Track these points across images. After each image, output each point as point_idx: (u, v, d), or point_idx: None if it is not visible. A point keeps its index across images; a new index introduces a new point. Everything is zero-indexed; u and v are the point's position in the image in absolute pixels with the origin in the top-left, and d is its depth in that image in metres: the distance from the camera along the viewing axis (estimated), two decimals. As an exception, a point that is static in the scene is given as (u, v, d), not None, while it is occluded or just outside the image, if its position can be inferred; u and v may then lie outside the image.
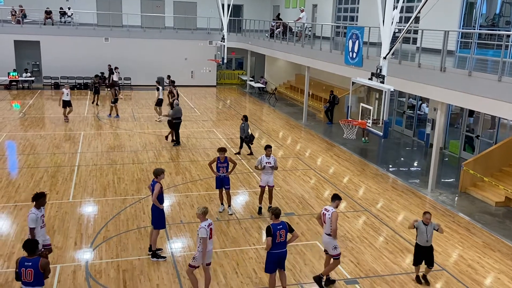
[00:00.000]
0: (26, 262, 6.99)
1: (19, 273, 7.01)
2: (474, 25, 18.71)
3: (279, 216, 8.49)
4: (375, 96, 12.45)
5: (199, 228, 8.31)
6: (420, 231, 9.24)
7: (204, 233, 8.23)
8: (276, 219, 8.44)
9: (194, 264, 8.47)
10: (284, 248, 8.50)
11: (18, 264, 7.00)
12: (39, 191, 8.69)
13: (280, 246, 8.40)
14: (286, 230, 8.40)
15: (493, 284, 9.63)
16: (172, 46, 33.14)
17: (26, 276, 6.97)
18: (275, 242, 8.34)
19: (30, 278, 6.98)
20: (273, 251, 8.41)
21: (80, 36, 31.40)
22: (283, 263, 8.65)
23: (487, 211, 13.44)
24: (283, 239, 8.40)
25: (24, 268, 6.96)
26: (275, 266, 8.55)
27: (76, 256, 10.04)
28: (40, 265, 6.99)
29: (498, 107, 11.39)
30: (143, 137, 19.87)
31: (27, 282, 7.00)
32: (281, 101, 30.18)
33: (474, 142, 17.93)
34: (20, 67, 31.29)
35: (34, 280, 6.98)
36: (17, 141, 18.84)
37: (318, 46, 21.51)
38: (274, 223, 8.42)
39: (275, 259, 8.47)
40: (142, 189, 13.95)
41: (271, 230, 8.30)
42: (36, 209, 8.40)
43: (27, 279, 6.98)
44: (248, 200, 13.57)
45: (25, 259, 7.02)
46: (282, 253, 8.48)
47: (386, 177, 16.21)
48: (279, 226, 8.36)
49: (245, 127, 17.71)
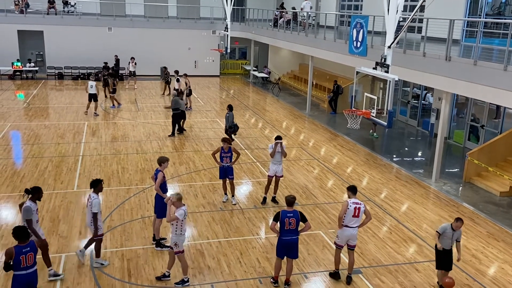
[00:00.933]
0: (24, 249, 7.16)
1: (16, 261, 7.10)
2: (480, 13, 18.53)
3: (292, 204, 8.51)
4: (379, 86, 12.37)
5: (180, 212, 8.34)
6: (446, 235, 8.61)
7: (183, 215, 8.35)
8: (289, 207, 8.48)
9: (179, 250, 8.54)
10: (295, 236, 8.49)
11: (15, 254, 7.08)
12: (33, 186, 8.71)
13: (289, 233, 8.42)
14: (297, 219, 8.40)
15: (497, 274, 9.64)
16: (176, 36, 33.03)
17: (27, 261, 7.17)
18: (284, 229, 8.38)
19: (31, 261, 7.23)
20: (282, 238, 8.47)
21: (84, 26, 31.33)
22: (294, 252, 8.64)
23: (492, 201, 13.41)
24: (293, 227, 8.41)
25: (24, 254, 7.13)
26: (284, 252, 8.59)
27: (81, 246, 10.07)
28: (36, 246, 7.42)
29: (503, 96, 11.30)
30: (147, 127, 19.88)
31: (27, 266, 7.20)
32: (285, 91, 30.09)
33: (479, 132, 17.85)
34: (23, 57, 31.28)
35: (33, 261, 7.30)
36: (21, 131, 18.89)
37: (322, 36, 21.36)
38: (285, 210, 8.46)
39: (283, 246, 8.52)
40: (146, 179, 13.98)
41: (279, 216, 8.36)
42: (32, 202, 8.36)
43: (28, 263, 7.19)
44: (252, 190, 13.58)
45: (21, 247, 7.16)
46: (291, 240, 8.49)
47: (390, 167, 16.18)
48: (289, 214, 8.38)
49: (229, 117, 17.40)
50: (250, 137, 19.10)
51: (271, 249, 10.07)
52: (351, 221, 8.74)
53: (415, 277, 9.38)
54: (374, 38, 16.61)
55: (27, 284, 7.28)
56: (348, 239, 8.88)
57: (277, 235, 8.55)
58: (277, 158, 12.20)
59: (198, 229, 11.01)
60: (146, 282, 8.83)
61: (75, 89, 28.49)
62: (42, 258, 8.59)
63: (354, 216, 8.71)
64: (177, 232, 8.42)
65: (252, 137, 19.20)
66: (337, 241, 9.00)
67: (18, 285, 7.23)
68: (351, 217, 8.71)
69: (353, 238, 8.89)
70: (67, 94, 26.75)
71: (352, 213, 8.69)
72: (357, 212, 8.70)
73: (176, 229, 8.40)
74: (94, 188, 8.89)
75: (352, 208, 8.68)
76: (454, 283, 8.49)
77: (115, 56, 31.22)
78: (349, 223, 8.75)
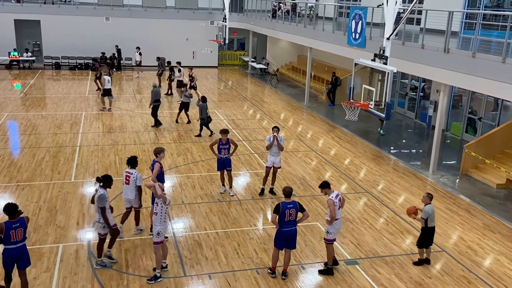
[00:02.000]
0: (14, 225, 7.53)
1: (6, 236, 7.48)
2: (479, 5, 18.47)
3: (290, 195, 8.56)
4: (377, 78, 12.35)
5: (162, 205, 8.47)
6: (430, 217, 9.18)
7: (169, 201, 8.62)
8: (287, 198, 8.52)
9: (160, 240, 8.51)
10: (294, 227, 8.57)
11: (5, 229, 7.45)
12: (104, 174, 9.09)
13: (289, 224, 8.49)
14: (296, 210, 8.47)
15: (493, 265, 9.70)
16: (174, 26, 32.85)
17: (17, 236, 7.56)
18: (284, 221, 8.43)
19: (21, 236, 7.61)
20: (282, 229, 8.52)
21: (81, 16, 31.13)
22: (293, 243, 8.71)
23: (488, 193, 13.46)
24: (293, 218, 8.47)
25: (14, 230, 7.51)
26: (283, 243, 8.65)
27: (78, 236, 10.11)
28: (25, 222, 7.72)
29: (502, 89, 11.30)
30: (144, 118, 19.83)
31: (17, 241, 7.58)
32: (283, 83, 30.02)
33: (476, 124, 17.87)
34: (20, 46, 31.10)
35: (23, 237, 7.66)
36: (18, 121, 18.83)
37: (320, 27, 21.28)
38: (284, 201, 8.49)
39: (283, 237, 8.57)
40: (143, 170, 13.96)
41: (279, 208, 8.38)
42: (104, 190, 8.78)
43: (17, 238, 7.57)
44: (250, 182, 13.60)
45: (11, 223, 7.53)
46: (291, 231, 8.56)
47: (388, 159, 16.21)
48: (289, 205, 8.43)
49: (203, 109, 17.05)
50: (248, 129, 19.08)
51: (268, 240, 10.11)
52: (339, 214, 8.91)
53: (411, 268, 9.43)
54: (373, 29, 16.54)
55: (16, 258, 7.65)
56: (338, 229, 9.09)
57: (277, 227, 8.58)
58: (274, 150, 12.21)
59: (196, 220, 11.03)
60: (143, 273, 8.86)
61: (72, 79, 28.38)
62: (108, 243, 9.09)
63: (340, 208, 8.92)
64: (161, 221, 8.44)
65: (250, 128, 19.18)
66: (330, 237, 8.97)
67: (7, 259, 7.64)
68: (337, 210, 8.85)
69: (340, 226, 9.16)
70: (64, 84, 26.64)
71: (338, 206, 8.85)
72: (341, 203, 8.93)
73: (160, 218, 8.42)
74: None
75: (337, 202, 8.84)
76: (413, 209, 9.35)
77: (116, 46, 31.08)
78: (338, 216, 8.90)
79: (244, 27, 32.80)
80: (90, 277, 8.63)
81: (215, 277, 8.83)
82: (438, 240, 10.55)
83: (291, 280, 8.82)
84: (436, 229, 11.00)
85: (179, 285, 8.55)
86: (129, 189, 9.82)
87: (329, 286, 8.73)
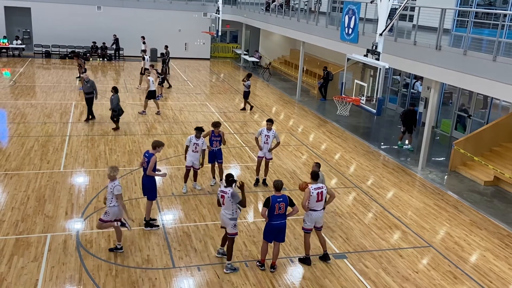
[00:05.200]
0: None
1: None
2: (471, 3, 18.56)
3: (280, 188, 8.60)
4: (369, 73, 12.38)
5: (114, 186, 8.68)
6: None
7: (119, 190, 8.71)
8: (277, 192, 8.56)
9: (105, 218, 8.85)
10: (283, 220, 8.61)
11: None
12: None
13: (278, 217, 8.53)
14: (286, 203, 8.51)
15: (479, 261, 9.83)
16: (166, 17, 32.63)
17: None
18: (274, 214, 8.48)
19: None
20: (271, 222, 8.57)
21: (72, 4, 30.80)
22: (282, 236, 8.76)
23: (476, 190, 13.61)
24: (283, 211, 8.52)
25: None
26: (272, 236, 8.70)
27: (67, 226, 10.06)
28: None
29: (492, 87, 11.39)
30: (135, 109, 19.72)
31: None
32: (275, 76, 30.00)
33: (465, 122, 18.02)
34: (10, 34, 30.69)
35: None
36: (7, 109, 18.62)
37: (314, 21, 21.26)
38: (274, 195, 8.53)
39: (273, 230, 8.62)
40: (133, 161, 13.92)
41: (269, 202, 8.42)
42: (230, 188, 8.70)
43: None
44: (240, 174, 13.60)
45: None
46: (280, 225, 8.60)
47: (378, 155, 16.30)
48: (279, 199, 8.47)
49: (114, 100, 16.33)
50: (239, 122, 19.06)
51: (257, 233, 10.14)
52: (315, 205, 8.93)
53: (398, 262, 9.53)
54: (366, 25, 16.56)
55: None
56: (315, 221, 9.06)
57: (267, 220, 8.62)
58: (265, 142, 12.28)
59: (186, 212, 11.03)
60: (132, 264, 8.84)
61: (63, 68, 28.10)
62: None
63: (318, 201, 8.92)
64: (111, 204, 8.78)
65: (241, 121, 19.16)
66: (305, 226, 9.11)
67: None
68: (315, 202, 8.89)
69: (319, 220, 9.12)
70: (54, 73, 26.38)
71: (316, 198, 8.88)
72: (320, 197, 8.92)
73: (110, 202, 8.79)
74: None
75: (315, 194, 8.86)
76: (304, 186, 9.46)
77: (114, 36, 30.79)
78: (314, 207, 8.94)
79: (237, 20, 32.68)
80: (78, 267, 8.60)
81: (204, 269, 8.85)
82: (426, 236, 10.66)
83: (280, 273, 8.87)
84: (424, 225, 11.18)
85: (168, 277, 8.55)
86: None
87: (317, 279, 8.79)
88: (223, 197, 8.56)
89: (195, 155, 11.75)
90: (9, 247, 9.07)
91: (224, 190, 8.56)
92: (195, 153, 11.70)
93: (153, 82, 18.82)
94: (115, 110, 16.55)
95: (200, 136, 11.69)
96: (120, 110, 16.70)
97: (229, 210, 8.61)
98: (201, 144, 11.69)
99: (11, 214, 10.29)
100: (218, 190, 8.71)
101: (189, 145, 11.71)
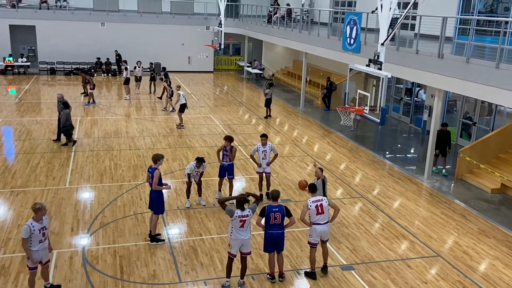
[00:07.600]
0: None
1: None
2: (473, 11, 18.59)
3: (277, 198, 8.59)
4: (372, 83, 12.39)
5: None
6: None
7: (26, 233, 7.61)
8: (274, 201, 8.54)
9: (30, 265, 7.88)
10: (280, 231, 8.56)
11: None
12: None
13: (274, 227, 8.50)
14: (282, 214, 8.47)
15: (488, 270, 9.71)
16: (169, 32, 32.89)
17: None
18: (269, 224, 8.47)
19: None
20: (268, 231, 8.56)
21: (76, 21, 31.11)
22: (281, 246, 8.71)
23: (483, 197, 13.50)
24: (278, 221, 8.48)
25: None
26: (271, 246, 8.66)
27: (73, 242, 10.06)
28: None
29: (495, 94, 11.35)
30: (140, 123, 19.80)
31: None
32: (279, 88, 30.06)
33: (471, 129, 17.94)
34: (15, 52, 31.01)
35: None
36: (13, 126, 18.75)
37: (316, 32, 21.35)
38: (270, 204, 8.51)
39: (271, 239, 8.59)
40: (139, 175, 13.94)
41: (264, 211, 8.44)
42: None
43: None
44: (245, 187, 13.58)
45: None
46: (277, 235, 8.56)
47: (383, 164, 16.23)
48: (274, 209, 8.45)
49: (63, 116, 16.16)
50: (244, 134, 19.09)
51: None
52: (317, 219, 8.78)
53: (406, 273, 9.43)
54: (368, 35, 16.61)
55: None
56: (320, 235, 8.92)
57: (263, 229, 8.62)
58: (262, 157, 12.32)
59: (191, 226, 11.00)
60: (138, 279, 8.81)
61: (68, 84, 28.32)
62: None
63: (319, 214, 8.75)
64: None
65: (245, 133, 19.19)
66: (310, 240, 8.98)
67: None
68: (315, 215, 8.76)
69: (325, 234, 8.97)
70: (59, 90, 26.54)
71: (315, 211, 8.74)
72: (320, 209, 8.74)
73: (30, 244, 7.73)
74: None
75: (313, 207, 8.73)
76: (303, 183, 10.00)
77: (116, 51, 31.05)
78: (317, 221, 8.80)
79: (240, 32, 32.86)
80: (84, 284, 8.57)
81: (211, 283, 8.80)
82: (434, 245, 10.56)
83: (287, 285, 8.79)
84: (431, 234, 11.08)
85: (174, 292, 8.50)
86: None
87: (324, 291, 8.71)
88: (244, 222, 8.25)
89: (196, 176, 11.94)
90: (15, 264, 9.07)
91: (243, 215, 8.20)
92: (196, 175, 11.92)
93: (183, 96, 19.29)
94: (65, 126, 16.23)
95: (200, 165, 11.68)
96: (70, 126, 16.37)
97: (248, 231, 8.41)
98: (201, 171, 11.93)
99: (17, 231, 10.30)
100: (236, 215, 8.19)
101: (191, 173, 11.81)
